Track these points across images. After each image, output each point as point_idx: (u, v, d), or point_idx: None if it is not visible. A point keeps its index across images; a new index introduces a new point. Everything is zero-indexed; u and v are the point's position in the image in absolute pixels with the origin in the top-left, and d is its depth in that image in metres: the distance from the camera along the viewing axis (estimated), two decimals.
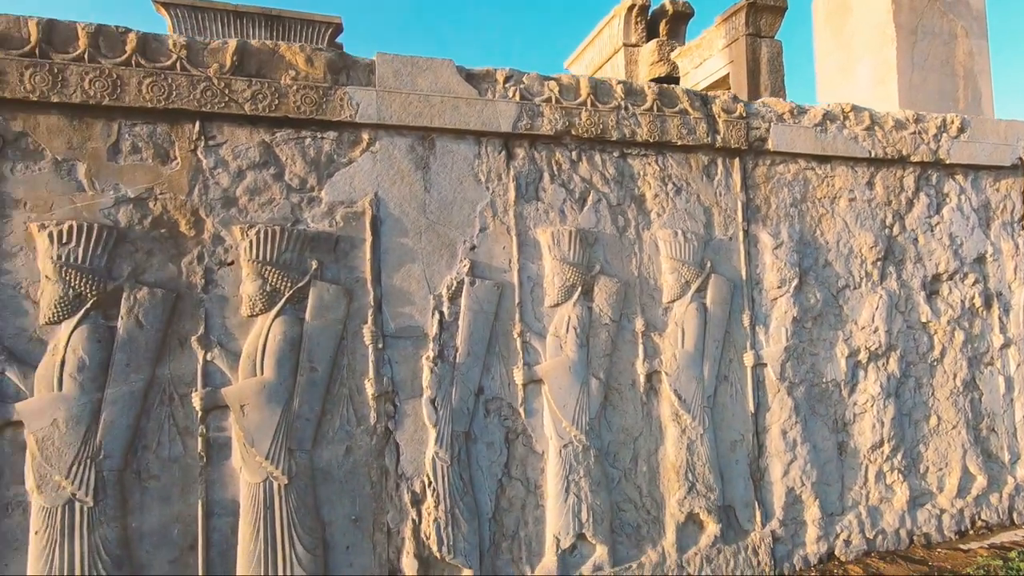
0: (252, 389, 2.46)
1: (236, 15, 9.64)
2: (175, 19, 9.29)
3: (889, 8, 7.62)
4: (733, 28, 9.96)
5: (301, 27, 9.91)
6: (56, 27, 2.32)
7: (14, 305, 2.25)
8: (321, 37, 9.99)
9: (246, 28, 9.50)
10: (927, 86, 7.52)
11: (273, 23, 9.82)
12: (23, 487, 2.22)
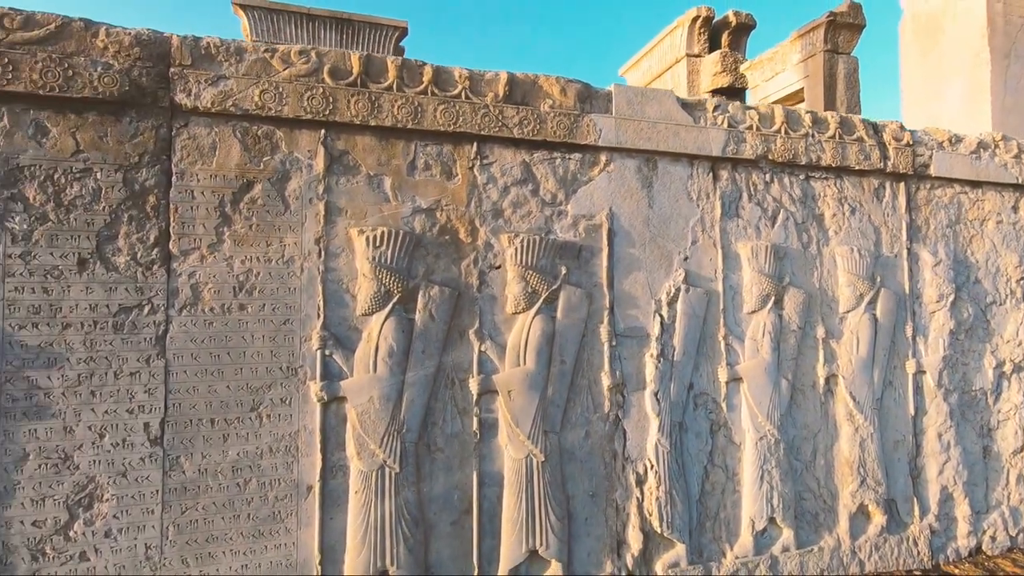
0: (517, 377, 2.83)
1: (309, 18, 10.08)
2: (251, 21, 9.74)
3: (984, 31, 7.84)
4: (810, 43, 10.19)
5: (369, 30, 10.32)
6: (372, 60, 2.70)
7: (338, 298, 2.64)
8: (388, 40, 10.38)
9: (317, 31, 9.93)
10: (1019, 108, 7.73)
11: (343, 26, 10.24)
12: (344, 453, 2.61)
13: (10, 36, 2.26)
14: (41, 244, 2.30)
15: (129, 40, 2.39)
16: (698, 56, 12.82)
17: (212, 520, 2.44)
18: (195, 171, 2.48)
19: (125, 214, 2.39)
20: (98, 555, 2.30)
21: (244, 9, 9.51)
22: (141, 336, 2.39)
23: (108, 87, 2.35)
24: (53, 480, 2.27)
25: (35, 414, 2.26)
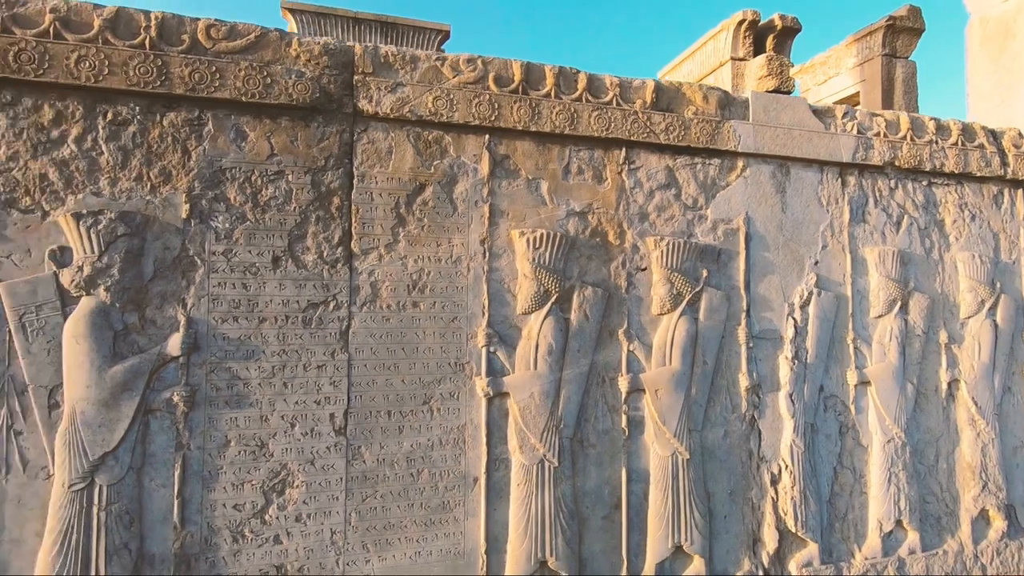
0: (664, 376, 2.90)
1: (355, 22, 10.25)
2: (300, 24, 9.94)
3: None
4: (867, 48, 10.14)
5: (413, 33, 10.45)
6: (532, 68, 2.80)
7: (500, 297, 2.74)
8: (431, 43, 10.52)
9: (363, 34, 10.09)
10: None
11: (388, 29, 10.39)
12: (507, 447, 2.70)
13: (216, 46, 2.39)
14: (240, 242, 2.42)
15: (319, 49, 2.51)
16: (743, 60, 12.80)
17: (389, 508, 2.55)
18: (374, 174, 2.60)
19: (313, 214, 2.51)
20: (290, 538, 2.42)
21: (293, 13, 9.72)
22: (327, 331, 2.51)
23: (301, 94, 2.47)
24: (251, 466, 2.40)
25: (235, 403, 2.39)
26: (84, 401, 2.20)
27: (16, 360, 2.18)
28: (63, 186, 2.26)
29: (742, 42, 13.11)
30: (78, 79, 2.23)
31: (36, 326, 2.19)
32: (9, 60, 2.17)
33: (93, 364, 2.21)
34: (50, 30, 2.21)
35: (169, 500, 2.30)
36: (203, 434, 2.35)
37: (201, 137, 2.40)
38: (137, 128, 2.34)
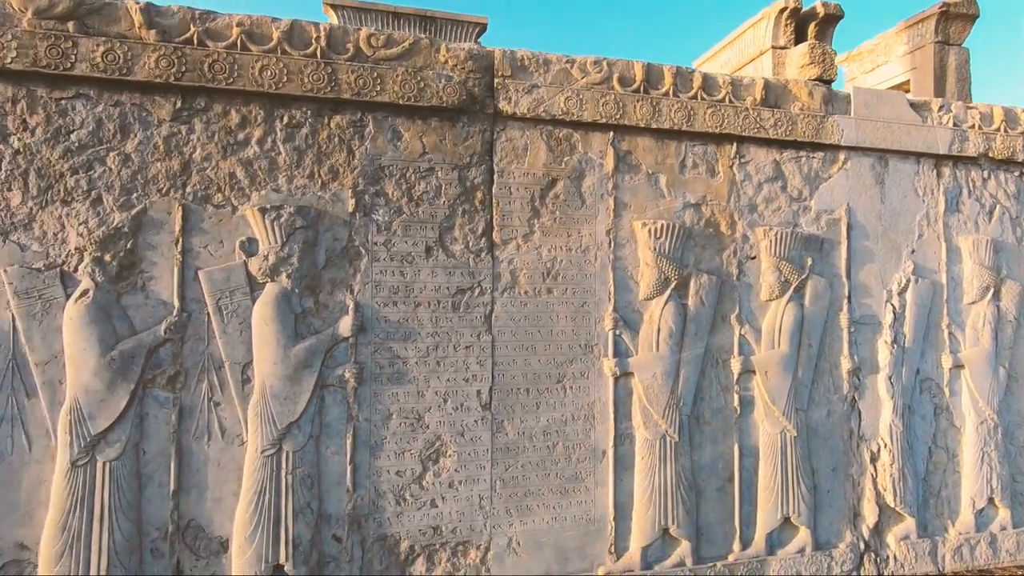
0: (773, 359, 3.08)
1: (395, 16, 10.41)
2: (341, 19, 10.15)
3: None
4: (919, 35, 10.04)
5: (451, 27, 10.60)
6: (652, 69, 2.98)
7: (624, 284, 2.94)
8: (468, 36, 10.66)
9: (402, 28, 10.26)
10: None
11: (426, 23, 10.54)
12: (631, 423, 2.91)
13: (376, 54, 2.61)
14: (398, 233, 2.66)
15: (464, 54, 2.72)
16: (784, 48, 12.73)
17: (528, 477, 2.78)
18: (511, 170, 2.81)
19: (459, 208, 2.73)
20: (444, 502, 2.67)
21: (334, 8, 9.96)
22: (473, 315, 2.73)
23: (450, 97, 2.69)
24: (410, 437, 2.64)
25: (396, 380, 2.63)
26: (272, 376, 2.46)
27: (214, 339, 2.45)
28: (248, 183, 2.51)
29: (783, 30, 13.03)
30: (261, 86, 2.47)
31: (230, 309, 2.45)
32: (204, 70, 2.42)
33: (279, 343, 2.46)
34: (237, 42, 2.46)
35: (342, 466, 2.56)
36: (369, 407, 2.60)
37: (363, 137, 2.63)
38: (308, 130, 2.58)
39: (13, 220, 2.29)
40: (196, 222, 2.45)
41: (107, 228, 2.35)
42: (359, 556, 2.56)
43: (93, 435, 2.28)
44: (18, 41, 2.25)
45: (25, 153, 2.30)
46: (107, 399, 2.30)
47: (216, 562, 2.43)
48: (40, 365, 2.28)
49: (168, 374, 2.40)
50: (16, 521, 2.26)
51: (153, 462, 2.38)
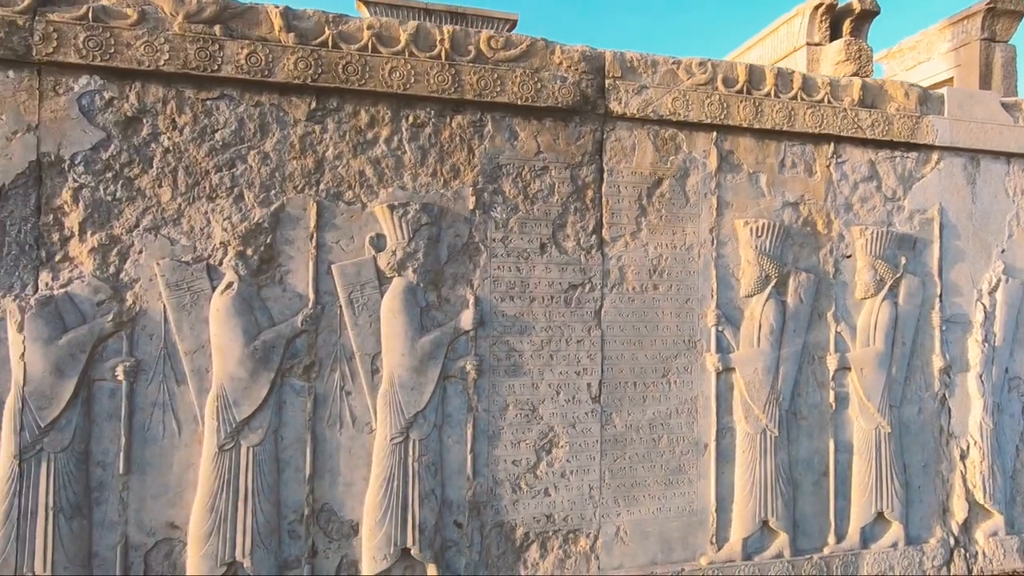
0: (868, 356, 3.13)
1: (426, 12, 10.46)
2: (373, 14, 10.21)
3: None
4: (963, 31, 9.93)
5: (481, 23, 10.63)
6: (754, 70, 3.02)
7: (726, 281, 3.00)
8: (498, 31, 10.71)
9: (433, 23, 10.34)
10: None
11: (457, 19, 10.58)
12: (732, 417, 2.98)
13: (495, 55, 2.69)
14: (515, 230, 2.74)
15: (577, 56, 2.79)
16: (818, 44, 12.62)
17: (635, 468, 2.85)
18: (620, 169, 2.88)
19: (571, 206, 2.81)
20: (556, 491, 2.75)
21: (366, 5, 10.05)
22: (584, 310, 2.81)
23: (565, 97, 2.76)
24: (525, 428, 2.73)
25: (512, 372, 2.72)
26: (400, 367, 2.55)
27: (345, 331, 2.55)
28: (376, 181, 2.60)
29: (818, 26, 12.91)
30: (390, 87, 2.56)
31: (361, 302, 2.55)
32: (338, 71, 2.51)
33: (407, 335, 2.56)
34: (368, 45, 2.54)
35: (462, 454, 2.65)
36: (488, 398, 2.69)
37: (482, 137, 2.71)
38: (432, 129, 2.66)
39: (164, 215, 2.40)
40: (329, 218, 2.55)
41: (249, 224, 2.45)
42: (478, 541, 2.66)
43: (238, 421, 2.39)
44: (170, 44, 2.36)
45: (174, 151, 2.41)
46: (250, 387, 2.41)
47: (347, 544, 2.54)
48: (189, 354, 2.39)
49: (304, 364, 2.50)
50: (167, 502, 2.37)
51: (290, 448, 2.49)
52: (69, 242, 2.32)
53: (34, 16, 2.26)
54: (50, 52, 2.26)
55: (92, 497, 2.31)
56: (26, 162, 2.28)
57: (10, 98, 2.27)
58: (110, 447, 2.33)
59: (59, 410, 2.25)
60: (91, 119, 2.34)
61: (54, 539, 2.23)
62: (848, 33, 12.25)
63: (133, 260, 2.36)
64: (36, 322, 2.24)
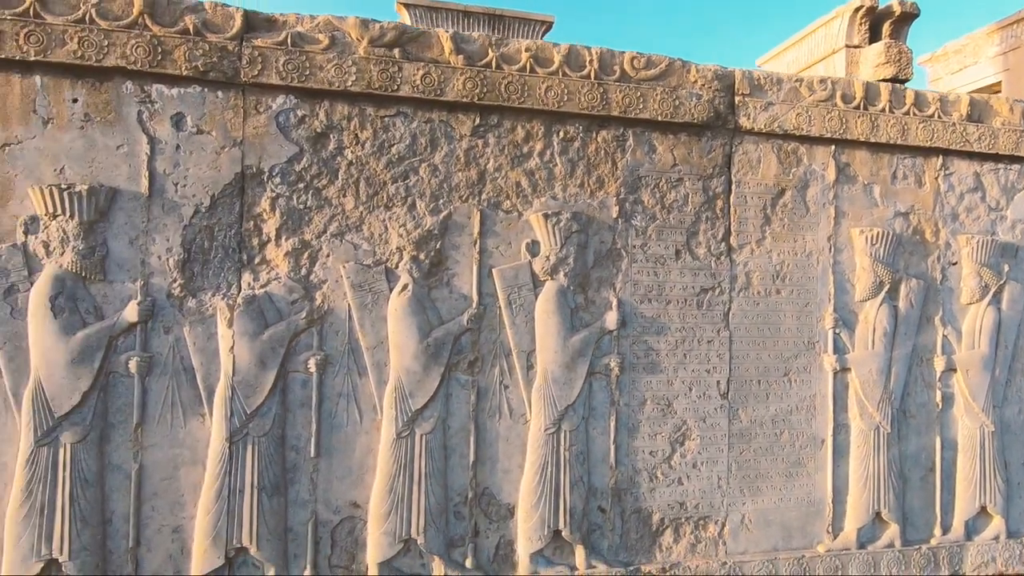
0: (974, 358, 3.30)
1: (464, 14, 10.66)
2: (413, 18, 10.43)
3: None
4: (1013, 36, 9.95)
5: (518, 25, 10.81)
6: (870, 87, 3.20)
7: (842, 286, 3.18)
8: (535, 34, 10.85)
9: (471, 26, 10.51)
10: None
11: (494, 22, 10.77)
12: (847, 414, 3.17)
13: (637, 74, 2.89)
14: (652, 237, 2.94)
15: (711, 75, 2.98)
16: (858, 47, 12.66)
17: (759, 461, 3.05)
18: (747, 180, 3.07)
19: (703, 215, 3.00)
20: (688, 481, 2.96)
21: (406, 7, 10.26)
22: (714, 312, 3.01)
23: (700, 113, 2.95)
24: (660, 421, 2.93)
25: (650, 369, 2.93)
26: (553, 363, 2.77)
27: (504, 330, 2.77)
28: (531, 191, 2.81)
29: (857, 29, 12.95)
30: (546, 104, 2.77)
31: (518, 303, 2.77)
32: (501, 90, 2.72)
33: (559, 334, 2.77)
34: (526, 65, 2.75)
35: (606, 445, 2.86)
36: (628, 393, 2.90)
37: (624, 150, 2.92)
38: (579, 144, 2.87)
39: (348, 222, 2.63)
40: (490, 225, 2.77)
41: (421, 230, 2.68)
42: (619, 526, 2.87)
43: (413, 411, 2.62)
44: (356, 66, 2.58)
45: (356, 164, 2.64)
46: (423, 380, 2.64)
47: (504, 526, 2.76)
48: (370, 349, 2.62)
49: (468, 359, 2.73)
50: (351, 483, 2.61)
51: (456, 436, 2.71)
52: (266, 246, 2.56)
53: (241, 42, 2.50)
54: (255, 75, 2.50)
55: (287, 477, 2.55)
56: (232, 174, 2.52)
57: (219, 116, 2.52)
58: (302, 432, 2.57)
59: (262, 398, 2.49)
60: (286, 135, 2.58)
61: (258, 515, 2.48)
62: (888, 36, 12.28)
63: (321, 263, 2.60)
64: (243, 319, 2.48)
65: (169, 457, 2.45)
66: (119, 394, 2.42)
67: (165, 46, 2.42)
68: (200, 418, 2.48)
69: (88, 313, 2.38)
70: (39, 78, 2.37)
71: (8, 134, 2.35)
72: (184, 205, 2.48)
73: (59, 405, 2.31)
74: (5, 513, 2.30)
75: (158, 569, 2.43)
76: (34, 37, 2.32)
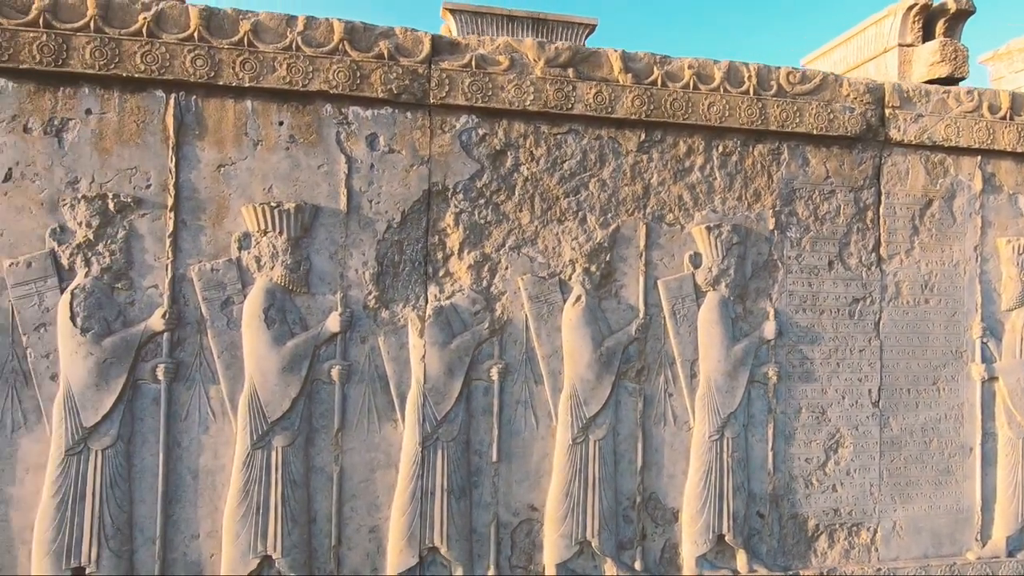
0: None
1: (508, 19, 10.70)
2: (459, 23, 10.52)
3: None
4: None
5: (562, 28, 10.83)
6: (1016, 97, 3.22)
7: (988, 295, 3.21)
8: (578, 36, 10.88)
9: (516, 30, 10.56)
10: None
11: (538, 25, 10.81)
12: (994, 423, 3.19)
13: (793, 89, 2.95)
14: (806, 248, 3.00)
15: (862, 88, 3.03)
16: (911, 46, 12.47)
17: (909, 468, 3.09)
18: (895, 191, 3.11)
19: (854, 226, 3.05)
20: (842, 488, 3.01)
21: (452, 13, 10.37)
22: (865, 321, 3.06)
23: (853, 127, 3.00)
24: (815, 428, 2.99)
25: (804, 378, 2.99)
26: (716, 372, 2.85)
27: (668, 339, 2.85)
28: (692, 204, 2.90)
29: (911, 27, 12.76)
30: (708, 120, 2.85)
31: (682, 313, 2.85)
32: (665, 107, 2.81)
33: (722, 344, 2.85)
34: (689, 83, 2.84)
35: (764, 452, 2.93)
36: (784, 402, 2.96)
37: (779, 164, 2.98)
38: (737, 158, 2.94)
39: (524, 236, 2.74)
40: (654, 238, 2.86)
41: (592, 243, 2.78)
42: (777, 531, 2.94)
43: (587, 418, 2.72)
44: (534, 86, 2.69)
45: (531, 180, 2.75)
46: (596, 387, 2.73)
47: (670, 529, 2.85)
48: (545, 358, 2.73)
49: (636, 368, 2.82)
50: (528, 487, 2.72)
51: (624, 442, 2.81)
52: (450, 259, 2.68)
53: (430, 65, 2.62)
54: (443, 96, 2.62)
55: (471, 481, 2.67)
56: (420, 191, 2.65)
57: (408, 136, 2.64)
58: (484, 437, 2.69)
59: (450, 405, 2.61)
60: (468, 152, 2.70)
61: (448, 516, 2.60)
62: (942, 34, 12.08)
63: (500, 275, 2.72)
64: (433, 329, 2.61)
65: (366, 460, 2.59)
66: (321, 400, 2.56)
67: (363, 70, 2.56)
68: (393, 423, 2.61)
69: (295, 324, 2.53)
70: (250, 103, 2.52)
71: (223, 156, 2.51)
72: (378, 221, 2.61)
73: (272, 411, 2.47)
74: (224, 512, 2.46)
75: (357, 567, 2.57)
76: (248, 65, 2.47)
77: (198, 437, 2.47)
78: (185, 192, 2.47)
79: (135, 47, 2.39)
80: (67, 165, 2.40)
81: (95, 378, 2.35)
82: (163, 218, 2.46)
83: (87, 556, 2.34)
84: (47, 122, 2.39)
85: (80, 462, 2.35)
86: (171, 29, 2.43)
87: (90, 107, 2.42)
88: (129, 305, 2.43)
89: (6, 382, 2.34)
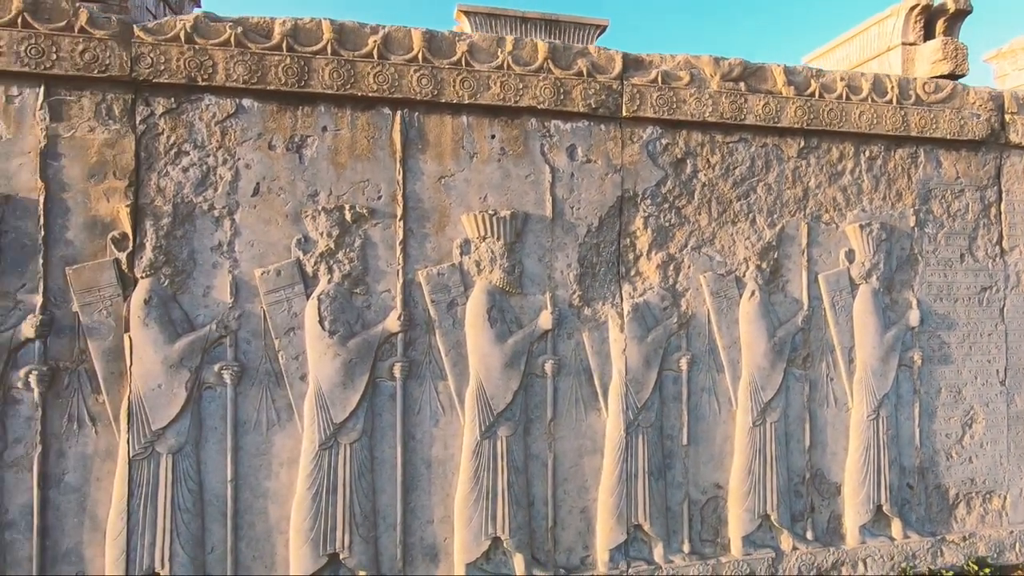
0: None
1: (522, 20, 10.97)
2: (472, 24, 10.75)
3: None
4: None
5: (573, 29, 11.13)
6: None
7: None
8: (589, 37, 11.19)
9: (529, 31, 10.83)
10: None
11: (551, 27, 11.10)
12: None
13: (928, 98, 3.23)
14: (941, 243, 3.29)
15: (986, 96, 3.32)
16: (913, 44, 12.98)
17: None
18: (1015, 189, 3.41)
19: (981, 221, 3.35)
20: (976, 459, 3.31)
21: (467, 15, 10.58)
22: (992, 308, 3.36)
23: (980, 131, 3.30)
24: (952, 406, 3.29)
25: (942, 361, 3.28)
26: (871, 357, 3.12)
27: (828, 328, 3.11)
28: (844, 205, 3.16)
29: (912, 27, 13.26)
30: (858, 128, 3.11)
31: (840, 305, 3.12)
32: (822, 116, 3.06)
33: (876, 331, 3.12)
34: (842, 94, 3.09)
35: (911, 429, 3.21)
36: (927, 383, 3.25)
37: (916, 166, 3.26)
38: (881, 161, 3.21)
39: (703, 237, 2.97)
40: (813, 237, 3.11)
41: (762, 242, 3.02)
42: (923, 500, 3.23)
43: (764, 402, 2.97)
44: (712, 99, 2.92)
45: (708, 185, 2.98)
46: (771, 374, 2.99)
47: (834, 502, 3.11)
48: (725, 348, 2.97)
49: (802, 355, 3.07)
50: (713, 467, 2.96)
51: (792, 424, 3.06)
52: (639, 260, 2.91)
53: (622, 81, 2.84)
54: (634, 109, 2.84)
55: (665, 463, 2.90)
56: (614, 197, 2.87)
57: (602, 146, 2.86)
58: (675, 423, 2.92)
59: (648, 394, 2.84)
60: (654, 161, 2.92)
61: (649, 496, 2.83)
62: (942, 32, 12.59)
63: (684, 273, 2.95)
64: (632, 324, 2.83)
65: (574, 447, 2.81)
66: (535, 392, 2.77)
67: (565, 87, 2.76)
68: (596, 412, 2.83)
69: (512, 323, 2.73)
70: (465, 118, 2.71)
71: (443, 168, 2.69)
72: (579, 225, 2.83)
73: (497, 403, 2.67)
74: (455, 498, 2.66)
75: (571, 545, 2.79)
76: (467, 83, 2.66)
77: (429, 430, 2.66)
78: (411, 202, 2.66)
79: (367, 68, 2.57)
80: (307, 179, 2.57)
81: (342, 377, 2.53)
82: (393, 227, 2.64)
83: (341, 543, 2.52)
84: (288, 139, 2.55)
85: (331, 456, 2.53)
86: (397, 51, 2.61)
87: (326, 124, 2.59)
88: (366, 308, 2.61)
89: (260, 383, 2.51)
